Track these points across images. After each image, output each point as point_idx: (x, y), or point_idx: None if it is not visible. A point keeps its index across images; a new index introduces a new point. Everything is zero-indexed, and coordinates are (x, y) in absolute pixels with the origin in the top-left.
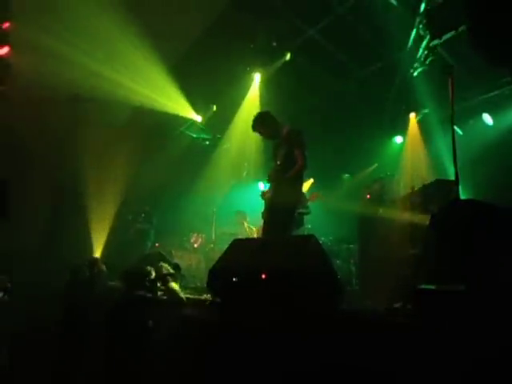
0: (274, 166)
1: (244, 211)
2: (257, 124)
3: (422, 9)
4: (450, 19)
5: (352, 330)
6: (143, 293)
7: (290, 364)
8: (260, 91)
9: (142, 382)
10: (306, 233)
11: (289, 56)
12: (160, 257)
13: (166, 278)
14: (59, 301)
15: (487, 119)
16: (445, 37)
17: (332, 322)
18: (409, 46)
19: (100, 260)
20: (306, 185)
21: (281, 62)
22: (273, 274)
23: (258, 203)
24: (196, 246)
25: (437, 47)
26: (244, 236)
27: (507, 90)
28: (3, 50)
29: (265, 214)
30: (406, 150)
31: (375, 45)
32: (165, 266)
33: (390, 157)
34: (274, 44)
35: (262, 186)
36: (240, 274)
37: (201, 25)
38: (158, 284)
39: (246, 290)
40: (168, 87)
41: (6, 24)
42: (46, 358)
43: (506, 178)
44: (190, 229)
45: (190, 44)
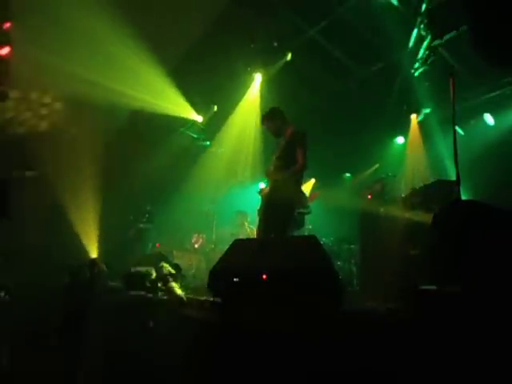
0: (274, 163)
1: (245, 211)
2: (266, 118)
3: (423, 9)
4: (451, 19)
5: (353, 330)
6: (144, 293)
7: (291, 365)
8: (261, 91)
9: (142, 383)
10: (307, 233)
11: (290, 56)
12: (161, 257)
13: (167, 279)
14: (59, 301)
15: (488, 119)
16: (446, 37)
17: (333, 322)
18: (410, 47)
19: (100, 260)
20: (308, 185)
21: (282, 62)
22: (274, 275)
23: (258, 203)
24: (197, 246)
25: (438, 47)
26: (245, 236)
27: (508, 90)
28: (4, 50)
29: (262, 211)
30: (407, 150)
31: (376, 45)
32: (165, 267)
33: (392, 157)
34: (275, 44)
35: (262, 185)
36: (241, 274)
37: (201, 25)
38: (159, 284)
39: (246, 291)
40: (168, 89)
41: (7, 24)
42: (46, 358)
43: (507, 177)
44: (191, 229)
45: (191, 45)
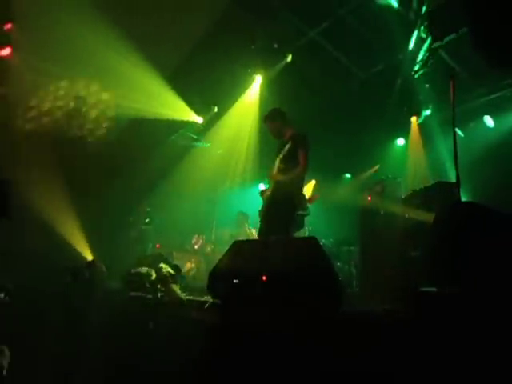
0: (276, 165)
1: (245, 212)
2: (266, 118)
3: (423, 11)
4: (452, 21)
5: (352, 331)
6: (143, 294)
7: (291, 365)
8: (260, 92)
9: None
10: (307, 235)
11: (290, 57)
12: (160, 258)
13: (167, 280)
14: (59, 302)
15: (488, 121)
16: (446, 39)
17: (333, 323)
18: (410, 49)
19: (100, 261)
20: (309, 186)
21: (282, 63)
22: (273, 276)
23: (258, 205)
24: (196, 247)
25: (438, 49)
26: (244, 238)
27: (509, 92)
28: (5, 51)
29: (263, 212)
30: (407, 152)
31: (376, 47)
32: (165, 268)
33: (392, 159)
34: (276, 46)
35: (262, 187)
36: (240, 275)
37: (202, 27)
38: (159, 285)
39: (246, 292)
40: (166, 93)
41: (8, 25)
42: (46, 359)
43: (507, 179)
44: (191, 230)
45: (191, 46)
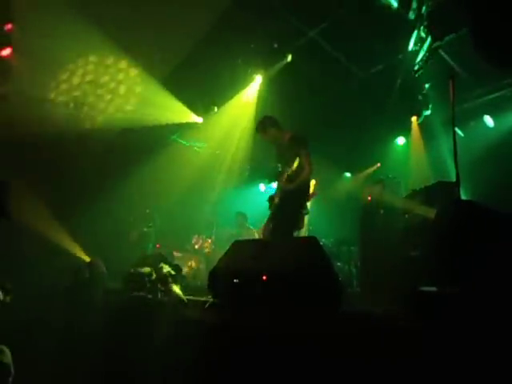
0: (282, 171)
1: (244, 213)
2: (259, 127)
3: (423, 11)
4: (452, 21)
5: (352, 331)
6: (144, 294)
7: (291, 365)
8: (259, 93)
9: (142, 383)
10: (307, 234)
11: (290, 57)
12: (161, 258)
13: (167, 280)
14: (59, 302)
15: (488, 121)
16: (446, 39)
17: (333, 323)
18: (410, 48)
19: (100, 261)
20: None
21: (282, 63)
22: (273, 276)
23: (258, 205)
24: (197, 247)
25: (438, 49)
26: (244, 237)
27: (508, 91)
28: (5, 52)
29: (273, 218)
30: (409, 152)
31: (376, 47)
32: (165, 267)
33: (392, 158)
34: (275, 45)
35: (262, 187)
36: (240, 275)
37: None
38: (159, 285)
39: (246, 292)
40: (165, 95)
41: (9, 25)
42: (47, 359)
43: (507, 179)
44: (191, 230)
45: (192, 46)
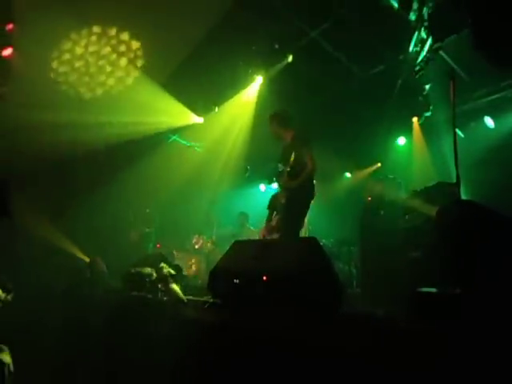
0: (282, 171)
1: (246, 213)
2: (270, 120)
3: (424, 12)
4: (453, 22)
5: (352, 331)
6: (144, 294)
7: (290, 366)
8: (259, 93)
9: (142, 383)
10: (307, 234)
11: (291, 58)
12: (161, 258)
13: (167, 279)
14: (60, 301)
15: (489, 122)
16: (447, 40)
17: (333, 323)
18: (411, 49)
19: (101, 260)
20: None
21: (283, 63)
22: (273, 276)
23: (258, 205)
24: (197, 247)
25: (439, 50)
26: (245, 237)
27: (509, 92)
28: (6, 52)
29: (281, 221)
30: (410, 152)
31: (377, 47)
32: (166, 267)
33: (393, 159)
34: (276, 46)
35: (262, 187)
36: (241, 275)
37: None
38: (159, 285)
39: (246, 292)
40: (165, 100)
41: (10, 25)
42: (47, 358)
43: (507, 180)
44: (192, 230)
45: (192, 46)
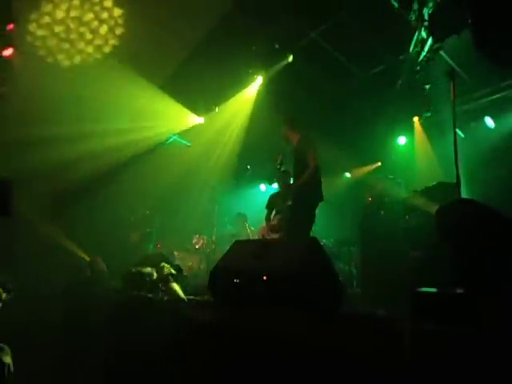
0: (292, 173)
1: (244, 213)
2: (282, 124)
3: (424, 11)
4: (453, 22)
5: (352, 332)
6: (144, 293)
7: (290, 366)
8: (259, 92)
9: (141, 383)
10: None
11: (291, 58)
12: (162, 257)
13: (168, 279)
14: (60, 300)
15: (489, 122)
16: (447, 40)
17: (333, 324)
18: (411, 49)
19: (101, 260)
20: None
21: (283, 63)
22: (274, 276)
23: (259, 205)
24: (197, 247)
25: (439, 50)
26: (245, 237)
27: (510, 93)
28: (7, 52)
29: (287, 222)
30: (410, 152)
31: (377, 48)
32: (166, 267)
33: (393, 158)
34: (277, 46)
35: (263, 187)
36: (241, 275)
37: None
38: (159, 285)
39: (246, 292)
40: (165, 103)
41: (10, 25)
42: (47, 358)
43: (507, 181)
44: (192, 230)
45: (193, 46)
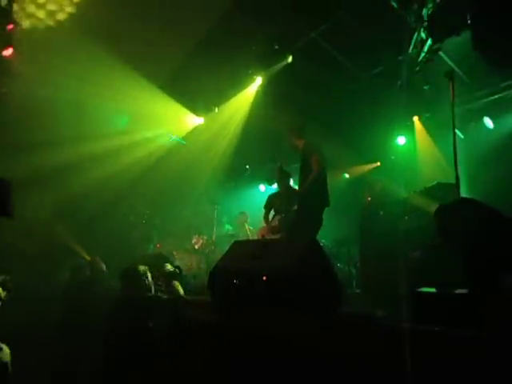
0: (298, 179)
1: (246, 213)
2: (287, 133)
3: (423, 12)
4: (452, 23)
5: (352, 332)
6: (143, 293)
7: (289, 366)
8: (258, 93)
9: (141, 382)
10: None
11: (291, 58)
12: (161, 257)
13: (167, 279)
14: (60, 300)
15: (488, 123)
16: (446, 40)
17: (332, 324)
18: (410, 50)
19: (100, 260)
20: None
21: (282, 64)
22: (273, 276)
23: (258, 205)
24: (197, 247)
25: (438, 51)
26: (245, 237)
27: (509, 93)
28: (7, 52)
29: (292, 225)
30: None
31: (377, 48)
32: (166, 267)
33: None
34: (276, 47)
35: (262, 187)
36: (240, 275)
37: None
38: (159, 284)
39: (246, 292)
40: (166, 106)
41: (10, 26)
42: (46, 358)
43: (506, 181)
44: (191, 230)
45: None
